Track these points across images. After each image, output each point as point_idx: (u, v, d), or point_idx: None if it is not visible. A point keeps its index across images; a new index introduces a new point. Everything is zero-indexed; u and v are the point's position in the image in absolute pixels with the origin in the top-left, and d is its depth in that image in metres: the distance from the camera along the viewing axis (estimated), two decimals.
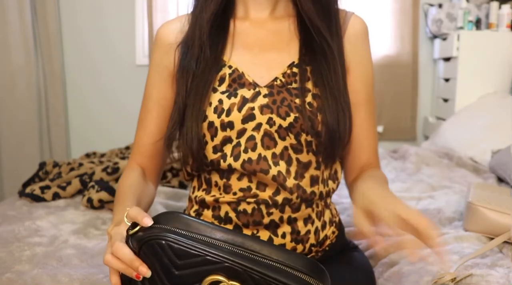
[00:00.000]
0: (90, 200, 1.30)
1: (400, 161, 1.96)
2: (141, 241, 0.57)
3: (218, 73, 0.78)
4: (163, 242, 0.56)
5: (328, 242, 0.82)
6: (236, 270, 0.54)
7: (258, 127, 0.74)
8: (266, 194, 0.74)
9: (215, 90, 0.77)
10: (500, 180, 1.59)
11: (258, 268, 0.54)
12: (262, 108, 0.74)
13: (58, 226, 1.16)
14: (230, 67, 0.78)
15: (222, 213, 0.77)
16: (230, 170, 0.76)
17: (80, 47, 2.78)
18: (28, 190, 1.38)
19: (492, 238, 1.02)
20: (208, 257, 0.55)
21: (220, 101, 0.75)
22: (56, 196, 1.38)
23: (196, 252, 0.55)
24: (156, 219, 0.59)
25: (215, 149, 0.76)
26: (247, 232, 0.75)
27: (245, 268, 0.54)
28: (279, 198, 0.74)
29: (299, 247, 0.77)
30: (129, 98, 2.71)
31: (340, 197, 1.43)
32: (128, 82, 2.74)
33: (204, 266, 0.55)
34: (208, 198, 0.78)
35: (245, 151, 0.74)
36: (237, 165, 0.74)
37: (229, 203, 0.76)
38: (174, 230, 0.57)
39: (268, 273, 0.54)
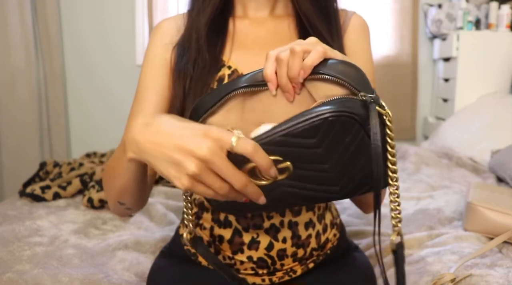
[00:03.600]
0: (90, 200, 1.30)
1: (400, 161, 1.96)
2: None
3: (217, 73, 0.76)
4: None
5: (329, 245, 0.81)
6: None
7: None
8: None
9: None
10: (500, 180, 1.59)
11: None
12: None
13: (58, 226, 1.17)
14: (229, 67, 0.77)
15: (221, 217, 0.76)
16: None
17: (80, 47, 2.78)
18: (28, 190, 1.38)
19: (491, 238, 1.02)
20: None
21: None
22: (56, 196, 1.38)
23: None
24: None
25: None
26: (246, 236, 0.74)
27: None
28: None
29: (300, 252, 0.76)
30: (129, 98, 2.71)
31: None
32: (128, 82, 2.74)
33: None
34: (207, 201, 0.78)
35: None
36: None
37: None
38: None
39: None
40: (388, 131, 0.49)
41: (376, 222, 0.54)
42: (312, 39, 0.56)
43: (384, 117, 0.49)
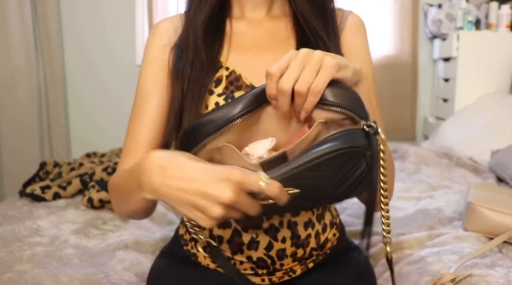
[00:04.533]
0: (90, 200, 1.30)
1: (400, 161, 1.96)
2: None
3: (214, 74, 0.76)
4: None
5: (329, 245, 0.81)
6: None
7: None
8: None
9: (211, 92, 0.75)
10: (500, 180, 1.59)
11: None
12: None
13: (58, 226, 1.17)
14: (227, 68, 0.77)
15: None
16: None
17: (80, 47, 2.78)
18: (28, 190, 1.38)
19: (491, 238, 1.02)
20: None
21: (217, 104, 0.74)
22: (56, 196, 1.38)
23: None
24: None
25: None
26: (246, 236, 0.74)
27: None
28: None
29: (300, 251, 0.76)
30: (129, 98, 2.70)
31: None
32: (128, 82, 2.74)
33: None
34: None
35: None
36: None
37: None
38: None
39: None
40: (381, 154, 0.54)
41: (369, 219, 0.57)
42: (315, 56, 0.55)
43: (379, 142, 0.54)
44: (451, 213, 1.22)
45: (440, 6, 2.57)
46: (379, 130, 0.53)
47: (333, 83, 0.55)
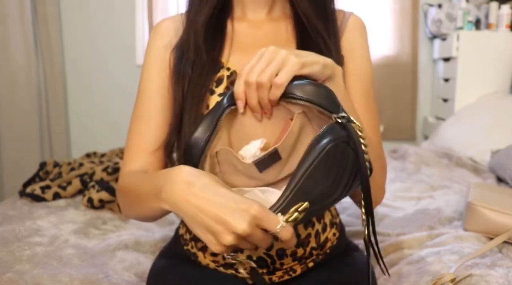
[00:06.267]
0: (90, 200, 1.30)
1: (400, 161, 1.96)
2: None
3: (215, 75, 0.76)
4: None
5: (329, 244, 0.81)
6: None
7: None
8: None
9: (212, 92, 0.75)
10: (500, 180, 1.59)
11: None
12: None
13: (58, 226, 1.17)
14: (228, 69, 0.77)
15: None
16: None
17: (80, 47, 2.79)
18: (28, 190, 1.38)
19: (491, 238, 1.02)
20: None
21: None
22: (56, 196, 1.38)
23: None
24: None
25: None
26: None
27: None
28: None
29: (300, 251, 0.76)
30: (129, 98, 2.71)
31: None
32: (128, 82, 2.74)
33: None
34: None
35: None
36: None
37: None
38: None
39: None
40: (361, 140, 0.55)
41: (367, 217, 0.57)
42: (280, 53, 0.58)
43: (356, 129, 0.55)
44: (451, 213, 1.22)
45: (440, 6, 2.57)
46: (351, 118, 0.54)
47: (302, 79, 0.58)
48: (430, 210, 1.25)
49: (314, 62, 0.59)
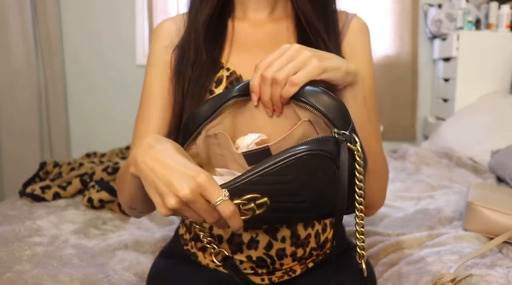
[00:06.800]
0: (90, 200, 1.30)
1: (400, 161, 1.96)
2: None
3: (215, 75, 0.76)
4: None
5: (329, 245, 0.81)
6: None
7: None
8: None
9: (212, 93, 0.75)
10: (500, 180, 1.59)
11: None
12: None
13: (58, 226, 1.17)
14: (228, 69, 0.77)
15: None
16: None
17: (80, 47, 2.79)
18: (28, 190, 1.38)
19: (491, 238, 1.02)
20: None
21: None
22: (56, 196, 1.38)
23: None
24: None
25: None
26: (245, 236, 0.74)
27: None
28: None
29: (299, 251, 0.76)
30: (129, 98, 2.71)
31: None
32: (128, 82, 2.74)
33: None
34: None
35: None
36: None
37: None
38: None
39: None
40: (357, 166, 0.53)
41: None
42: (303, 53, 0.57)
43: (355, 152, 0.53)
44: (451, 213, 1.22)
45: (440, 6, 2.57)
46: (355, 138, 0.53)
47: (318, 86, 0.57)
48: (430, 210, 1.25)
49: (336, 68, 0.58)
